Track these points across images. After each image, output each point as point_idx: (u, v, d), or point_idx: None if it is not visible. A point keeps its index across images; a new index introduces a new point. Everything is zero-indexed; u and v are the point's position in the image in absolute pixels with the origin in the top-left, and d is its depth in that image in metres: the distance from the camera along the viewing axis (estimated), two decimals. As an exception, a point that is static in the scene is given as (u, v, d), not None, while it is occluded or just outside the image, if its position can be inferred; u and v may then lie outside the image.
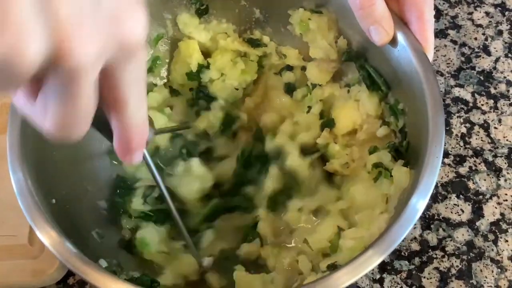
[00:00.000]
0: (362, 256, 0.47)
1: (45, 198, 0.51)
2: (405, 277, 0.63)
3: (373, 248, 0.47)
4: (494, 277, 0.63)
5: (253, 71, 0.68)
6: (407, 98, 0.57)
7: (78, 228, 0.56)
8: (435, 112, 0.52)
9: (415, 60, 0.54)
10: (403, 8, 0.55)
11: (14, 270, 0.62)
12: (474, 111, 0.73)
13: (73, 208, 0.57)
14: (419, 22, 0.55)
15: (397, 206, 0.54)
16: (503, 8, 0.80)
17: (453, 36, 0.78)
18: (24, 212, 0.50)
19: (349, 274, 0.46)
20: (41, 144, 0.55)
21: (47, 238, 0.49)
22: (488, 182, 0.68)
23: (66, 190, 0.57)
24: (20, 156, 0.52)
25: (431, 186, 0.49)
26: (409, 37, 0.55)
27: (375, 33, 0.54)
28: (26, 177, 0.51)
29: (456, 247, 0.65)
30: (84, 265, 0.47)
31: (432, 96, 0.53)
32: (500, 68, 0.76)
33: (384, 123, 0.61)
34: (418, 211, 0.48)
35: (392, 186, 0.56)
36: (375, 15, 0.54)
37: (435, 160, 0.50)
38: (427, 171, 0.49)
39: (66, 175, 0.58)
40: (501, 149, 0.70)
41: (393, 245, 0.47)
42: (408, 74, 0.55)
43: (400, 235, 0.47)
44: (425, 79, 0.53)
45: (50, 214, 0.50)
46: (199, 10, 0.66)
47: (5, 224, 0.63)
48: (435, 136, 0.51)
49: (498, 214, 0.67)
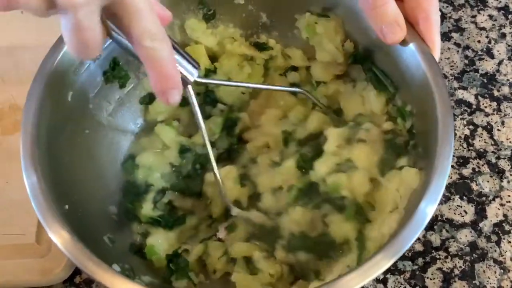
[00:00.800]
0: (371, 260, 0.47)
1: (57, 202, 0.52)
2: (409, 278, 0.64)
3: (382, 252, 0.47)
4: (497, 278, 0.64)
5: (259, 74, 0.68)
6: (415, 100, 0.58)
7: (90, 232, 0.56)
8: (444, 114, 0.52)
9: (423, 62, 0.54)
10: (409, 10, 0.55)
11: (21, 269, 0.63)
12: (478, 113, 0.74)
13: (84, 213, 0.57)
14: (425, 23, 0.55)
15: (406, 207, 0.54)
16: (506, 11, 0.81)
17: (456, 39, 0.79)
18: (38, 215, 0.50)
19: (358, 278, 0.46)
20: (53, 149, 0.56)
21: (59, 238, 0.49)
22: (491, 184, 0.69)
23: (77, 195, 0.57)
24: (34, 160, 0.52)
25: (441, 188, 0.49)
26: (417, 39, 0.55)
27: (389, 31, 0.54)
28: (40, 181, 0.52)
29: (459, 248, 0.65)
30: (94, 265, 0.48)
31: (441, 98, 0.53)
32: (503, 71, 0.76)
33: (390, 119, 0.61)
34: (427, 216, 0.48)
35: (401, 186, 0.56)
36: (388, 14, 0.54)
37: (445, 162, 0.50)
38: (437, 173, 0.50)
39: (77, 180, 0.59)
40: (504, 151, 0.71)
41: (402, 249, 0.47)
42: (416, 77, 0.55)
43: (409, 239, 0.47)
44: (433, 81, 0.54)
45: (63, 218, 0.51)
46: (206, 15, 0.67)
47: (13, 223, 0.64)
48: (445, 139, 0.51)
49: (501, 216, 0.67)
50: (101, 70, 0.62)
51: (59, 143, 0.57)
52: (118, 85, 0.64)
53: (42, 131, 0.54)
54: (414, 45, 0.55)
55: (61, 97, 0.58)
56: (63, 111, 0.58)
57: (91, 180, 0.61)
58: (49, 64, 0.57)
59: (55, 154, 0.56)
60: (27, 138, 0.53)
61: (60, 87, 0.58)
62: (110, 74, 0.63)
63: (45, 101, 0.55)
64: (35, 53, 0.58)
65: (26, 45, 0.74)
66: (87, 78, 0.61)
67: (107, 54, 0.62)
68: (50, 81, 0.56)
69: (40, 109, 0.55)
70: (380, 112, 0.62)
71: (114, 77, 0.63)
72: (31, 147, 0.53)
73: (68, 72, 0.58)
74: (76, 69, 0.59)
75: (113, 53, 0.62)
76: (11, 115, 0.71)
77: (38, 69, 0.56)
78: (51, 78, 0.56)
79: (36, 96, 0.55)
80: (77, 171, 0.59)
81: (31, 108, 0.55)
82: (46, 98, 0.56)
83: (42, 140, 0.54)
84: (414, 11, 0.55)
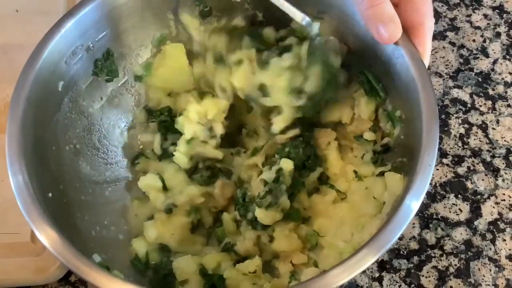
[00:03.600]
0: (357, 255, 0.47)
1: (43, 194, 0.52)
2: (404, 276, 0.64)
3: (368, 247, 0.47)
4: (492, 276, 0.64)
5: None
6: (403, 105, 0.58)
7: (75, 224, 0.57)
8: (430, 120, 0.52)
9: (413, 67, 0.54)
10: (404, 14, 0.55)
11: (17, 268, 0.63)
12: (473, 112, 0.74)
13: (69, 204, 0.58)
14: (420, 29, 0.55)
15: (389, 212, 0.54)
16: (501, 10, 0.81)
17: (451, 38, 0.79)
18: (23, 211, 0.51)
19: (345, 272, 0.47)
20: (40, 139, 0.56)
21: (46, 238, 0.49)
22: (486, 182, 0.69)
23: (63, 185, 0.58)
24: (19, 153, 0.52)
25: (423, 191, 0.50)
26: (407, 43, 0.55)
27: (385, 30, 0.54)
28: (25, 175, 0.52)
29: (455, 246, 0.65)
30: (83, 264, 0.48)
31: (427, 104, 0.53)
32: (498, 70, 0.77)
33: (373, 129, 0.62)
34: (412, 211, 0.49)
35: (385, 192, 0.56)
36: (384, 13, 0.54)
37: (427, 167, 0.50)
38: (418, 178, 0.50)
39: (64, 172, 0.59)
40: (499, 150, 0.71)
41: (387, 244, 0.48)
42: (404, 81, 0.56)
43: (394, 234, 0.48)
44: (421, 86, 0.54)
45: (50, 214, 0.51)
46: (202, 12, 0.67)
47: (8, 222, 0.64)
48: (429, 144, 0.51)
49: (496, 214, 0.67)
50: (94, 59, 0.62)
51: (47, 134, 0.58)
52: (106, 79, 0.64)
53: (29, 121, 0.54)
54: (404, 50, 0.55)
55: (51, 86, 0.58)
56: (52, 101, 0.59)
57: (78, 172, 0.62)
58: (40, 53, 0.57)
59: (42, 144, 0.56)
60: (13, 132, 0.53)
61: (51, 76, 0.58)
62: (101, 64, 0.63)
63: (34, 90, 0.55)
64: (30, 52, 0.58)
65: (21, 44, 0.74)
66: (79, 69, 0.61)
67: (101, 45, 0.62)
68: (40, 70, 0.56)
69: (29, 98, 0.55)
70: (367, 118, 0.62)
71: (104, 68, 0.63)
72: (17, 139, 0.53)
73: (60, 62, 0.58)
74: (67, 59, 0.59)
75: (107, 44, 0.62)
76: (6, 114, 0.70)
77: (29, 58, 0.56)
78: (41, 67, 0.56)
79: (25, 85, 0.55)
80: (65, 163, 0.60)
81: (19, 97, 0.55)
82: (35, 87, 0.56)
83: (29, 131, 0.54)
84: (409, 15, 0.55)
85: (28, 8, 0.78)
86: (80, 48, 0.60)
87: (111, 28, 0.62)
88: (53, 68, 0.58)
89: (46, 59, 0.57)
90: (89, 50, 0.61)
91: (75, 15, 0.59)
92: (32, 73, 0.56)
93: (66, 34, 0.58)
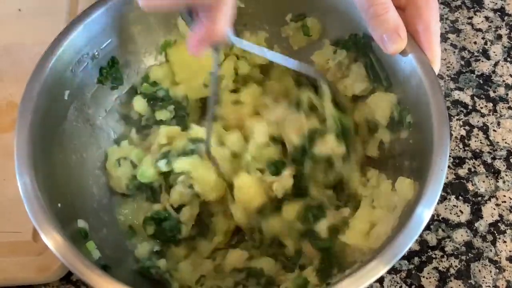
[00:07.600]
0: (367, 266, 0.47)
1: (50, 202, 0.52)
2: (405, 277, 0.64)
3: (379, 258, 0.47)
4: (493, 277, 0.64)
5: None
6: (412, 110, 0.57)
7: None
8: (440, 125, 0.52)
9: (421, 72, 0.54)
10: (409, 19, 0.54)
11: (18, 267, 0.62)
12: (474, 114, 0.74)
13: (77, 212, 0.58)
14: (426, 34, 0.54)
15: (401, 216, 0.53)
16: (502, 13, 0.81)
17: (453, 40, 0.79)
18: (30, 215, 0.50)
19: (354, 284, 0.46)
20: (48, 149, 0.56)
21: (51, 240, 0.50)
22: (487, 184, 0.69)
23: (70, 194, 0.58)
24: (27, 161, 0.52)
25: (435, 197, 0.49)
26: (416, 50, 0.55)
27: (389, 40, 0.53)
28: (33, 180, 0.52)
29: (455, 248, 0.66)
30: (86, 268, 0.48)
31: (437, 109, 0.53)
32: (499, 72, 0.77)
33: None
34: (424, 221, 0.48)
35: (395, 196, 0.56)
36: (390, 23, 0.53)
37: (439, 172, 0.50)
38: (431, 183, 0.50)
39: (71, 179, 0.59)
40: (499, 152, 0.71)
41: (398, 255, 0.47)
42: (414, 87, 0.55)
43: (405, 245, 0.48)
44: (431, 91, 0.53)
45: (56, 217, 0.51)
46: None
47: (9, 221, 0.64)
48: (440, 149, 0.51)
49: (496, 216, 0.67)
50: (99, 67, 0.62)
51: (54, 143, 0.58)
52: (111, 86, 0.65)
53: (36, 131, 0.54)
54: (413, 56, 0.55)
55: (58, 95, 0.58)
56: (59, 110, 0.59)
57: (84, 180, 0.62)
58: (46, 62, 0.57)
59: (49, 154, 0.56)
60: (22, 137, 0.53)
61: (57, 85, 0.58)
62: (107, 72, 0.63)
63: (41, 100, 0.55)
64: (33, 51, 0.58)
65: (24, 43, 0.74)
66: (84, 77, 0.61)
67: (106, 53, 0.62)
68: (47, 80, 0.56)
69: (36, 108, 0.55)
70: (385, 120, 0.61)
71: (109, 75, 0.63)
72: (25, 147, 0.53)
73: (66, 70, 0.58)
74: (73, 68, 0.59)
75: (112, 52, 0.62)
76: (8, 113, 0.71)
77: (35, 68, 0.56)
78: (48, 77, 0.56)
79: (32, 95, 0.55)
80: (71, 170, 0.60)
81: (27, 107, 0.55)
82: (43, 97, 0.56)
83: (36, 140, 0.54)
84: (415, 21, 0.54)
85: (31, 8, 0.79)
86: (86, 57, 0.60)
87: (117, 35, 0.62)
88: (59, 77, 0.58)
89: (53, 68, 0.57)
90: (95, 58, 0.61)
91: (82, 22, 0.59)
92: (39, 83, 0.56)
93: (73, 43, 0.58)
